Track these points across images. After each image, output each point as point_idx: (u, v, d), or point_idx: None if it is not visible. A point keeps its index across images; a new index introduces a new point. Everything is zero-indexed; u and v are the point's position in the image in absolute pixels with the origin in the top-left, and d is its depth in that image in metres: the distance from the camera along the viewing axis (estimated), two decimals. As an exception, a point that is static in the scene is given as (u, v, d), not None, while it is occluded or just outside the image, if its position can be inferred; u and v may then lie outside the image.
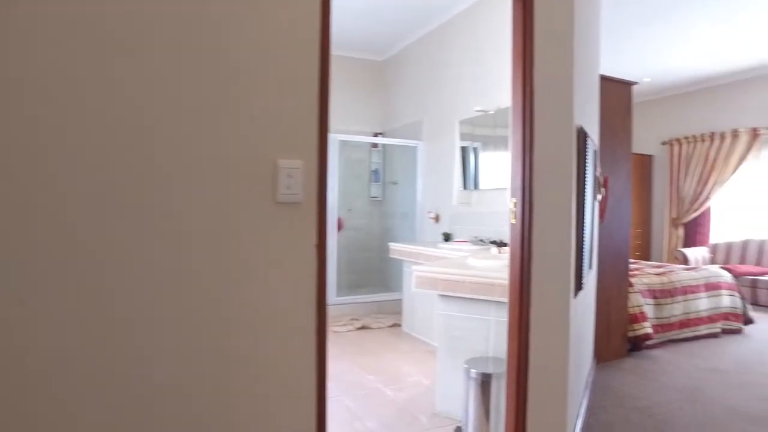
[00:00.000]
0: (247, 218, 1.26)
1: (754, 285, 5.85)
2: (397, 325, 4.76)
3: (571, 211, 1.91)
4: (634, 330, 3.77)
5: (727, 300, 4.49)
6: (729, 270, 5.99)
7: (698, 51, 5.96)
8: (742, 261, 6.55)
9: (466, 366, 2.32)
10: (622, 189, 3.65)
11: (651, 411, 2.83)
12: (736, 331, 4.50)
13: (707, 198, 7.18)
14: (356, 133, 6.21)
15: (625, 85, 3.71)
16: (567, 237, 1.90)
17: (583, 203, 2.03)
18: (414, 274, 2.66)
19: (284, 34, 1.32)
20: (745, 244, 6.62)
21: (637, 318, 3.80)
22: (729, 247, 6.78)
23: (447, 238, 4.54)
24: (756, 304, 5.77)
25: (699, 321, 4.26)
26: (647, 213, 8.16)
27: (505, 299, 1.96)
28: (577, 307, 2.16)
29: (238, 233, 1.25)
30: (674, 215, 7.67)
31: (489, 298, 2.38)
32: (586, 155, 2.04)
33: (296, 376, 1.35)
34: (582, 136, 2.03)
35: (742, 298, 4.58)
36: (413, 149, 5.47)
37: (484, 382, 2.26)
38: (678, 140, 7.61)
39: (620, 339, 3.71)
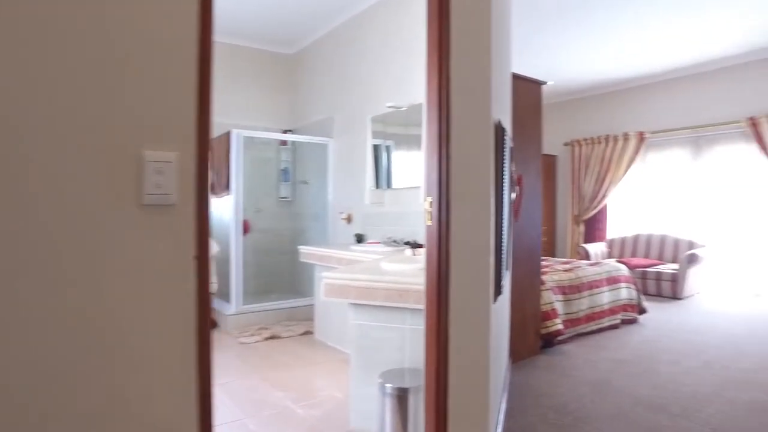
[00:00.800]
0: (99, 225, 0.96)
1: (644, 276, 6.28)
2: (309, 332, 4.49)
3: (490, 211, 1.78)
4: (547, 327, 3.82)
5: (625, 292, 4.72)
6: (624, 263, 6.39)
7: (595, 59, 6.30)
8: (634, 254, 7.04)
9: (380, 381, 2.13)
10: (533, 187, 3.67)
11: (567, 408, 2.82)
12: (633, 321, 4.75)
13: (604, 196, 7.65)
14: (264, 129, 5.84)
15: (536, 84, 3.74)
16: (486, 239, 1.77)
17: (502, 202, 1.92)
18: (323, 282, 2.43)
19: (157, 7, 1.04)
20: (635, 239, 7.12)
21: (549, 315, 3.85)
22: (623, 241, 7.26)
23: (359, 239, 4.34)
24: (646, 293, 6.20)
25: (602, 314, 4.44)
26: (552, 211, 8.54)
27: (421, 306, 1.79)
28: (496, 312, 2.05)
29: (84, 244, 0.95)
30: (576, 213, 8.10)
31: (404, 305, 2.21)
32: (503, 151, 1.93)
33: (168, 417, 1.07)
34: (500, 131, 1.92)
35: (637, 289, 4.85)
36: (324, 147, 5.22)
37: (401, 397, 2.08)
38: (578, 141, 8.04)
39: (534, 336, 3.74)
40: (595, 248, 7.21)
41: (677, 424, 2.60)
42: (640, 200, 7.47)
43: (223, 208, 4.92)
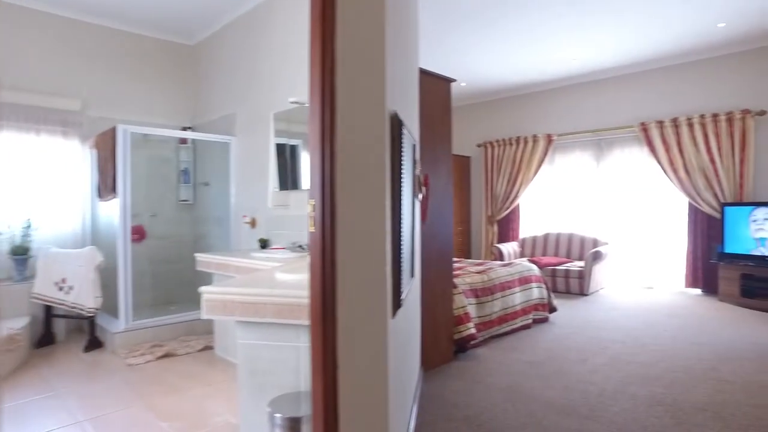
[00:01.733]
0: None
1: (553, 274, 6.46)
2: (209, 348, 4.09)
3: (385, 214, 1.57)
4: (460, 332, 3.71)
5: (536, 291, 4.77)
6: (535, 262, 6.54)
7: (505, 63, 6.40)
8: (544, 253, 7.25)
9: (269, 410, 1.85)
10: (444, 188, 3.55)
11: (479, 419, 2.69)
12: (544, 320, 4.81)
13: (516, 197, 7.83)
14: (162, 126, 5.32)
15: (445, 81, 3.61)
16: (381, 246, 1.56)
17: (400, 204, 1.72)
18: (202, 298, 2.10)
19: None
20: (545, 238, 7.35)
21: (462, 319, 3.75)
22: (534, 240, 7.46)
23: (263, 244, 4.02)
24: (555, 291, 6.38)
25: (515, 314, 4.44)
26: (467, 211, 8.63)
27: (313, 324, 1.55)
28: (397, 327, 1.85)
29: None
30: (490, 213, 8.23)
31: (296, 321, 1.95)
32: (401, 147, 1.73)
33: None
34: (397, 123, 1.72)
35: (547, 288, 4.92)
36: (226, 146, 4.82)
37: (293, 428, 1.81)
38: (491, 143, 8.17)
39: (446, 342, 3.61)
40: (508, 248, 7.35)
41: (586, 428, 2.56)
42: (550, 200, 7.73)
43: (110, 213, 4.37)
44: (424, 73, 3.38)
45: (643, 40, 5.66)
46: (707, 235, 6.16)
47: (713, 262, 5.92)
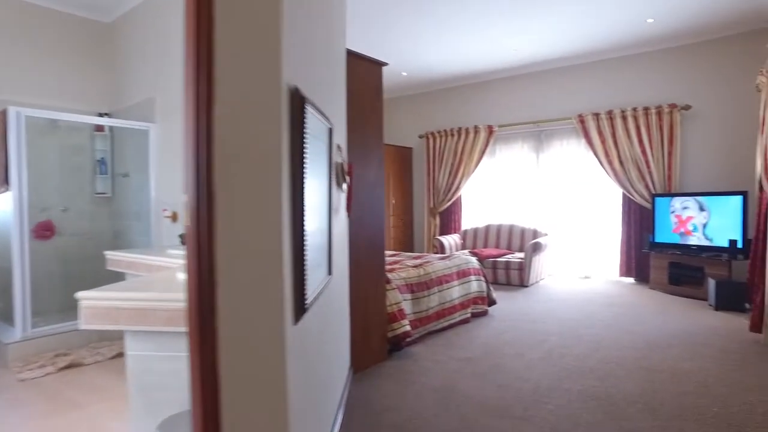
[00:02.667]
0: None
1: (494, 266, 6.44)
2: (122, 354, 3.71)
3: (281, 205, 1.35)
4: (394, 329, 3.54)
5: (475, 285, 4.68)
6: (476, 254, 6.49)
7: (446, 52, 6.27)
8: (486, 245, 7.24)
9: (157, 433, 1.60)
10: (375, 178, 3.34)
11: (410, 425, 2.52)
12: (483, 314, 4.74)
13: (458, 188, 7.77)
14: (75, 111, 4.80)
15: (376, 65, 3.40)
16: (275, 243, 1.33)
17: (303, 193, 1.50)
18: (80, 305, 1.81)
19: None
20: (487, 229, 7.33)
21: (396, 316, 3.58)
22: (475, 232, 7.43)
23: (184, 240, 3.68)
24: (497, 283, 6.37)
25: (453, 309, 4.32)
26: (409, 203, 8.51)
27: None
28: (304, 333, 1.63)
29: None
30: (432, 205, 8.14)
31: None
32: (304, 128, 1.51)
33: None
34: (298, 101, 1.49)
35: (487, 281, 4.85)
36: (145, 133, 4.41)
37: (183, 453, 1.56)
38: (433, 134, 8.07)
39: (380, 341, 3.44)
40: (450, 240, 7.28)
41: (519, 430, 2.45)
42: (491, 192, 7.73)
43: (4, 208, 3.89)
44: (352, 55, 3.16)
45: (579, 32, 5.68)
46: (640, 225, 6.32)
47: (645, 252, 6.07)
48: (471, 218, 7.94)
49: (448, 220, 8.05)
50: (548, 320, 4.56)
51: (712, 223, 5.37)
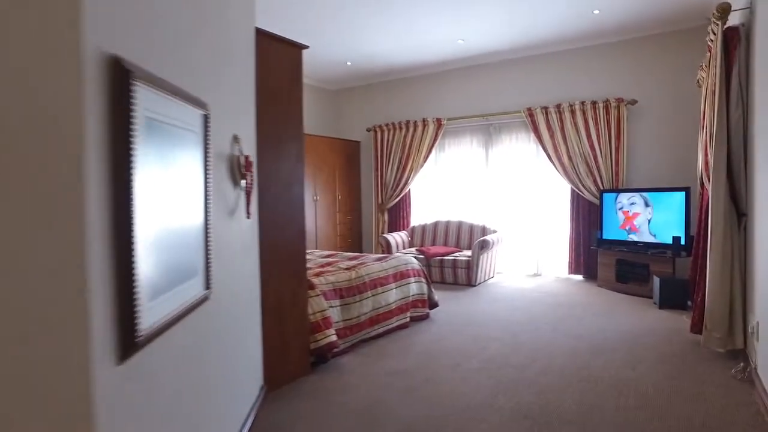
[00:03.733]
0: None
1: (441, 265, 6.20)
2: None
3: (84, 210, 0.99)
4: (317, 340, 3.21)
5: (415, 287, 4.41)
6: (423, 252, 6.24)
7: (392, 42, 5.95)
8: (434, 242, 6.99)
9: None
10: (291, 173, 2.98)
11: (315, 458, 2.20)
12: (424, 317, 4.47)
13: (406, 184, 7.50)
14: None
15: (294, 48, 3.03)
16: (73, 259, 0.98)
17: (128, 193, 1.14)
18: None
19: None
20: (435, 226, 7.09)
21: (320, 325, 3.25)
22: (423, 229, 7.17)
23: None
24: (444, 282, 6.14)
25: (389, 314, 4.03)
26: (357, 200, 8.18)
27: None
28: (145, 372, 1.27)
29: None
30: (380, 201, 7.84)
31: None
32: (131, 111, 1.14)
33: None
34: (120, 75, 1.12)
35: (428, 282, 4.58)
36: None
37: None
38: (380, 127, 7.75)
39: (300, 354, 3.10)
40: (396, 238, 6.99)
41: (440, 459, 2.16)
42: (440, 188, 7.49)
43: None
44: (264, 35, 2.78)
45: (527, 23, 5.47)
46: (588, 221, 6.21)
47: (593, 248, 5.96)
48: (420, 215, 7.68)
49: (397, 217, 7.77)
50: (491, 324, 4.33)
51: (656, 219, 5.28)
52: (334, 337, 3.29)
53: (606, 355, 3.46)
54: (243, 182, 2.22)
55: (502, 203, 6.94)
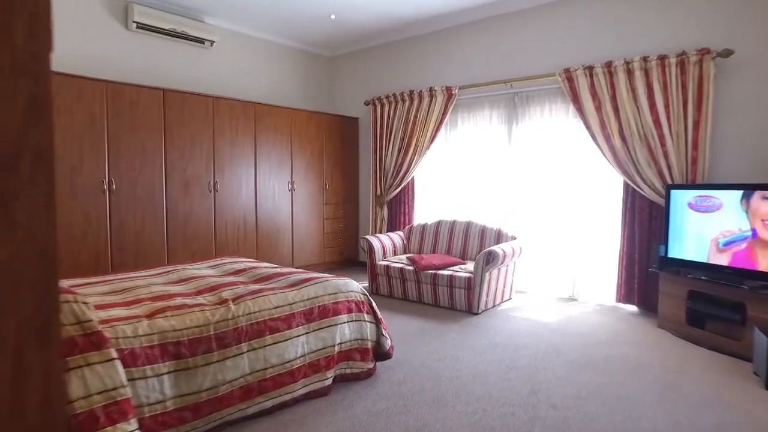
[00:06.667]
0: None
1: (434, 281, 4.56)
2: None
3: None
4: (86, 448, 1.74)
5: (350, 330, 2.85)
6: (414, 262, 4.68)
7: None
8: (434, 247, 5.33)
9: None
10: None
11: None
12: (365, 376, 2.90)
13: (409, 169, 5.89)
14: None
15: None
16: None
17: None
18: None
19: None
20: (437, 227, 5.42)
21: (98, 418, 1.77)
22: (423, 230, 5.52)
23: None
24: (437, 306, 4.53)
25: (290, 377, 2.50)
26: (353, 189, 6.67)
27: None
28: None
29: None
30: (378, 192, 6.28)
31: None
32: None
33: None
34: None
35: (377, 321, 3.00)
36: None
37: None
38: (380, 99, 6.16)
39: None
40: (385, 241, 5.38)
41: None
42: (449, 176, 5.82)
43: None
44: None
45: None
46: (648, 229, 4.36)
47: (653, 271, 4.11)
48: (425, 210, 6.05)
49: (397, 212, 6.17)
50: (467, 400, 2.68)
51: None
52: (125, 440, 1.80)
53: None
54: None
55: (528, 199, 5.19)
